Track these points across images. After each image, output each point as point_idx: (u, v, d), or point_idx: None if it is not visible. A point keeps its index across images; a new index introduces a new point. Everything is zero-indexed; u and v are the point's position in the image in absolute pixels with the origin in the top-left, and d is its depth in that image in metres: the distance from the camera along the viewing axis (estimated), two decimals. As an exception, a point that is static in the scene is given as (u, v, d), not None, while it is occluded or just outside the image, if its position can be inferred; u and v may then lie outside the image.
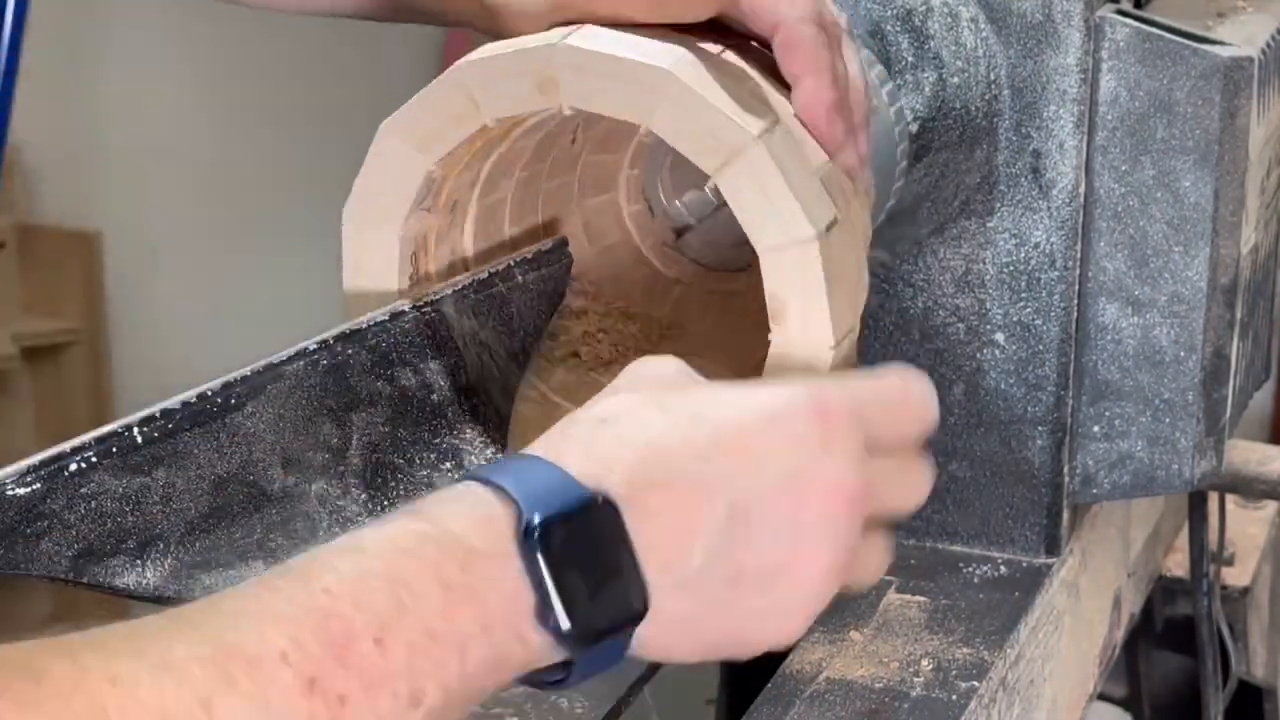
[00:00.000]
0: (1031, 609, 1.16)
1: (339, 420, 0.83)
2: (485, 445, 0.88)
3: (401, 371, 0.87)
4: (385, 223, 0.91)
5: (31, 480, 0.75)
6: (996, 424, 1.20)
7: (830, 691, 1.07)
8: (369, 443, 0.82)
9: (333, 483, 0.81)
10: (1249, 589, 1.63)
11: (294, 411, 0.81)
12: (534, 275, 0.94)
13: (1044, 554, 1.21)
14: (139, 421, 0.76)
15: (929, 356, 1.20)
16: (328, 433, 0.83)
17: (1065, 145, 1.15)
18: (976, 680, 1.08)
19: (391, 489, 0.84)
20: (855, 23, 1.13)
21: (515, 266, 0.93)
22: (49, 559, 0.74)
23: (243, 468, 0.79)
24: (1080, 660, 1.28)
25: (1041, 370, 1.18)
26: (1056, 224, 1.16)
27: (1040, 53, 1.14)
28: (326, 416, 0.82)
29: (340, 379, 0.84)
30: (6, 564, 0.73)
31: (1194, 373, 1.17)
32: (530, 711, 1.06)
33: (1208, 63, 1.13)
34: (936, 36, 1.13)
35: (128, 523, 0.75)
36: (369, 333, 0.86)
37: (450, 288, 0.90)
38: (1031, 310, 1.18)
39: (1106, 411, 1.19)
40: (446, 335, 0.88)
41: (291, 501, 0.81)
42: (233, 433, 0.79)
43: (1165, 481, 1.20)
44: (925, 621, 1.14)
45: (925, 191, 1.16)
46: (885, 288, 1.20)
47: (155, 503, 0.76)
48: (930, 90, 1.13)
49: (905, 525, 1.24)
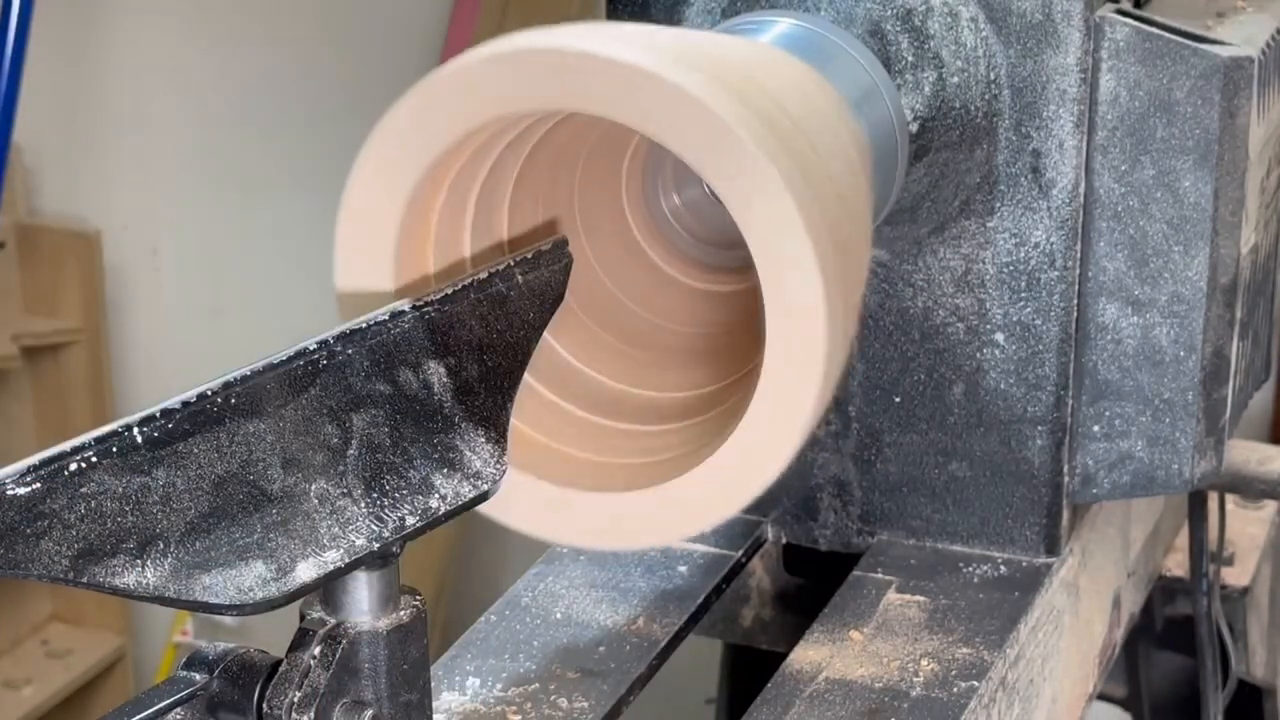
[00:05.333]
0: (1031, 609, 1.16)
1: (339, 420, 0.83)
2: (485, 445, 0.88)
3: (401, 371, 0.87)
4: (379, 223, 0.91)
5: (31, 480, 0.75)
6: (996, 424, 1.20)
7: (830, 691, 1.07)
8: (369, 443, 0.82)
9: (333, 483, 0.81)
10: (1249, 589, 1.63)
11: (294, 411, 0.81)
12: (534, 275, 0.94)
13: (1044, 554, 1.21)
14: (139, 421, 0.76)
15: (929, 356, 1.21)
16: (328, 433, 0.83)
17: (1065, 145, 1.15)
18: (976, 680, 1.08)
19: (391, 489, 0.84)
20: (855, 23, 1.13)
21: (515, 266, 0.93)
22: (49, 559, 0.74)
23: (243, 468, 0.79)
24: (1080, 660, 1.28)
25: (1041, 370, 1.18)
26: (1056, 224, 1.16)
27: (1040, 52, 1.14)
28: (326, 416, 0.82)
29: (340, 379, 0.84)
30: (6, 564, 0.73)
31: (1194, 373, 1.17)
32: (530, 711, 1.06)
33: (1208, 62, 1.13)
34: (936, 36, 1.13)
35: (128, 523, 0.75)
36: (369, 333, 0.86)
37: (450, 288, 0.90)
38: (1031, 310, 1.18)
39: (1106, 411, 1.19)
40: (446, 335, 0.88)
41: (291, 501, 0.81)
42: (233, 433, 0.79)
43: (1165, 481, 1.20)
44: (925, 621, 1.14)
45: (925, 191, 1.16)
46: (885, 288, 1.20)
47: (155, 503, 0.76)
48: (930, 90, 1.13)
49: (905, 525, 1.24)
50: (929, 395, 1.21)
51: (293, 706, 0.79)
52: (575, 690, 1.07)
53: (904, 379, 1.22)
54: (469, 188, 0.95)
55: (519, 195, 0.99)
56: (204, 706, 0.81)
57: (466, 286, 0.90)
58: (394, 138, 0.90)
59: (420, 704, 0.83)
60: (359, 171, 0.91)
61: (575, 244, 0.98)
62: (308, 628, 0.81)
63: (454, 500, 0.84)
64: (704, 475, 0.91)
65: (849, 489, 1.25)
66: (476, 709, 1.06)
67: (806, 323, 0.87)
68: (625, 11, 1.20)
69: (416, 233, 0.93)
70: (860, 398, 1.23)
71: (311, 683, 0.80)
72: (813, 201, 0.87)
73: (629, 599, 1.17)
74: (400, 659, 0.82)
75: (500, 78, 0.88)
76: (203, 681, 0.80)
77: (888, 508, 1.24)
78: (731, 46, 0.98)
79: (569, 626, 1.14)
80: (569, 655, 1.11)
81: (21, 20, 2.57)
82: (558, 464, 0.97)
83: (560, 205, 1.03)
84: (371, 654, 0.81)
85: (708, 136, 0.85)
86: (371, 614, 0.81)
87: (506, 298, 0.92)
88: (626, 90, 0.86)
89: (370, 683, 0.81)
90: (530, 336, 0.93)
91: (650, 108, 0.86)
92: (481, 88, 0.88)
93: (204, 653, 0.81)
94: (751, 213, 0.86)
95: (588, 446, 0.99)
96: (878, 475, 1.24)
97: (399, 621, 0.82)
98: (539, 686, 1.08)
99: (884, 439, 1.23)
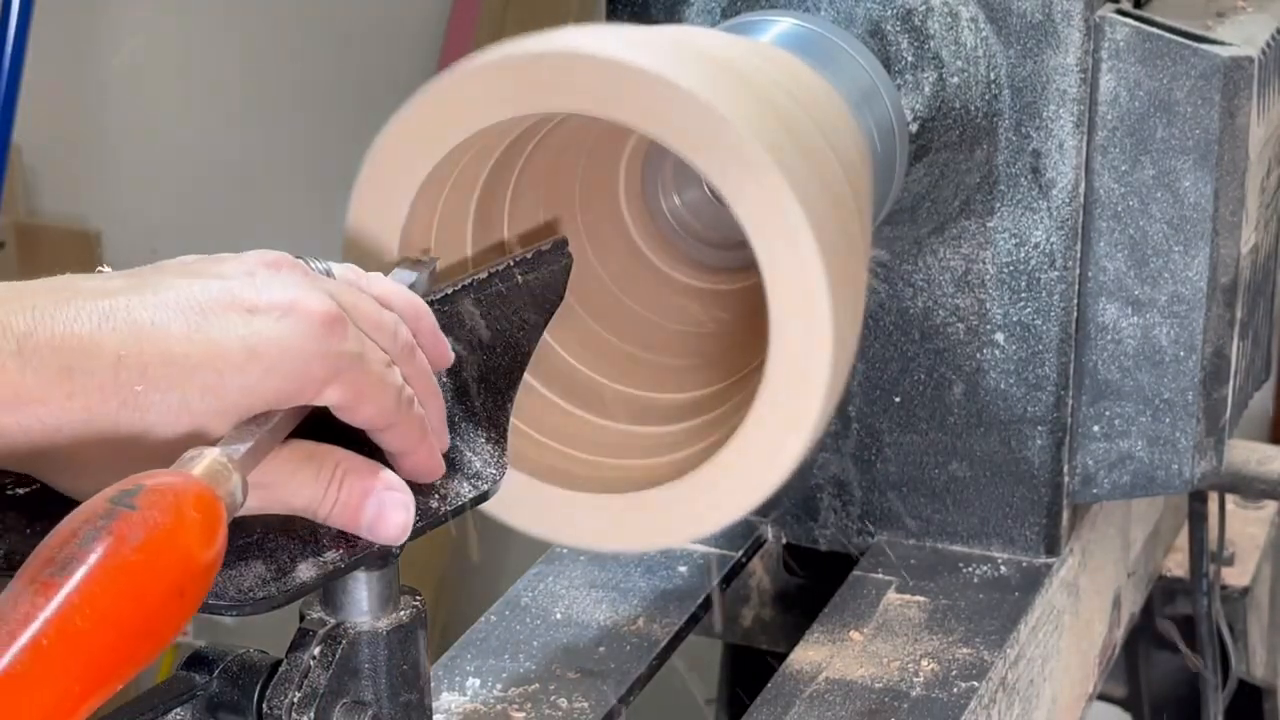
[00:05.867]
0: (1031, 609, 1.16)
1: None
2: (485, 445, 0.88)
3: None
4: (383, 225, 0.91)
5: (31, 480, 0.75)
6: (996, 424, 1.20)
7: (830, 691, 1.07)
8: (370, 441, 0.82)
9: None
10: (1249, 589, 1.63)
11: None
12: (534, 275, 0.94)
13: (1044, 554, 1.21)
14: (139, 421, 0.76)
15: (929, 356, 1.20)
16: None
17: (1065, 145, 1.15)
18: (976, 680, 1.08)
19: (391, 489, 0.84)
20: (855, 23, 1.13)
21: (515, 266, 0.93)
22: (49, 559, 0.74)
23: (243, 467, 0.79)
24: (1080, 660, 1.28)
25: (1041, 370, 1.18)
26: (1056, 224, 1.16)
27: (1040, 52, 1.14)
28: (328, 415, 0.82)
29: (340, 379, 0.84)
30: (7, 564, 0.73)
31: (1194, 373, 1.17)
32: (530, 711, 1.06)
33: (1208, 63, 1.13)
34: (936, 36, 1.13)
35: (128, 522, 0.75)
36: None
37: (450, 288, 0.90)
38: (1031, 310, 1.18)
39: (1106, 411, 1.19)
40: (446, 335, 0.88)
41: (291, 501, 0.81)
42: (233, 433, 0.79)
43: (1165, 481, 1.20)
44: (925, 621, 1.14)
45: (925, 191, 1.16)
46: (885, 288, 1.20)
47: (155, 503, 0.76)
48: (930, 90, 1.13)
49: (905, 525, 1.24)
50: (929, 395, 1.21)
51: (293, 707, 0.79)
52: (575, 690, 1.07)
53: (904, 379, 1.22)
54: (470, 188, 0.95)
55: (519, 195, 0.99)
56: (204, 706, 0.80)
57: (466, 286, 0.90)
58: (398, 143, 0.90)
59: (420, 704, 0.83)
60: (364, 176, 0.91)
61: (575, 244, 0.98)
62: (308, 628, 0.81)
63: (454, 500, 0.84)
64: (707, 478, 0.91)
65: (849, 489, 1.25)
66: (476, 709, 1.06)
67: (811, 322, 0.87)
68: (625, 11, 1.20)
69: (419, 234, 0.93)
70: (860, 398, 1.23)
71: (311, 683, 0.80)
72: (815, 200, 0.87)
73: (629, 599, 1.17)
74: (400, 659, 0.82)
75: (503, 83, 0.88)
76: (203, 681, 0.80)
77: (888, 508, 1.24)
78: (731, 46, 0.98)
79: (569, 626, 1.14)
80: (569, 655, 1.11)
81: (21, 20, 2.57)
82: (558, 464, 0.97)
83: (560, 205, 1.03)
84: (371, 654, 0.81)
85: (709, 135, 0.85)
86: (371, 614, 0.81)
87: (506, 298, 0.92)
88: (627, 90, 0.86)
89: (370, 683, 0.81)
90: (530, 336, 0.93)
91: (651, 107, 0.86)
92: (484, 93, 0.88)
93: (204, 653, 0.81)
94: (754, 211, 0.86)
95: (588, 447, 0.99)
96: (878, 475, 1.24)
97: (399, 621, 0.82)
98: (539, 686, 1.08)
99: (884, 439, 1.23)
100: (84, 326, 0.72)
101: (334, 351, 0.75)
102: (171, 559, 0.64)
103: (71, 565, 0.62)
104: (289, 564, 0.76)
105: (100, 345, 0.71)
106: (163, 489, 0.65)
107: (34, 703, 0.60)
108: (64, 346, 0.71)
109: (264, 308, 0.74)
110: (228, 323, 0.73)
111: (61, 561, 0.62)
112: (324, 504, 0.77)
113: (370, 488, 0.78)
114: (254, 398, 0.73)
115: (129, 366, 0.72)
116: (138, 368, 0.72)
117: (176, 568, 0.64)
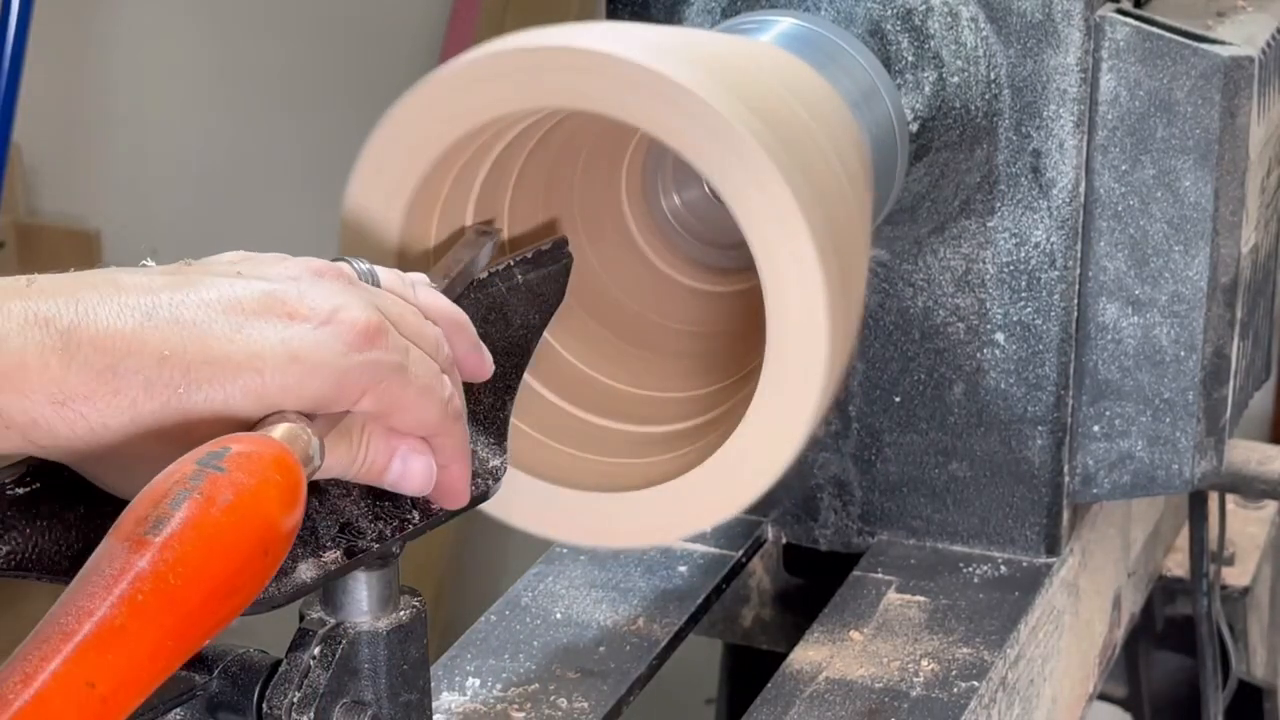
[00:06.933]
0: (1031, 609, 1.16)
1: (339, 420, 0.83)
2: (485, 444, 0.88)
3: (401, 371, 0.86)
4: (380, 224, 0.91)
5: (31, 480, 0.75)
6: (996, 424, 1.20)
7: (830, 691, 1.07)
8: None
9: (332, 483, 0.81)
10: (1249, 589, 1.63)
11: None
12: (534, 275, 0.93)
13: (1044, 554, 1.21)
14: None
15: (929, 356, 1.20)
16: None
17: (1065, 145, 1.15)
18: (976, 680, 1.08)
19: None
20: (855, 22, 1.13)
21: (515, 266, 0.93)
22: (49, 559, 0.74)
23: (243, 467, 0.79)
24: (1080, 660, 1.28)
25: (1041, 370, 1.18)
26: (1056, 223, 1.16)
27: (1040, 52, 1.14)
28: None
29: (340, 379, 0.84)
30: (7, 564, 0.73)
31: (1194, 372, 1.17)
32: (530, 711, 1.06)
33: (1208, 62, 1.13)
34: (936, 36, 1.13)
35: (127, 522, 0.75)
36: (369, 332, 0.85)
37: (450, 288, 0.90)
38: (1031, 310, 1.18)
39: (1106, 411, 1.19)
40: (446, 335, 0.88)
41: (291, 501, 0.80)
42: (232, 432, 0.79)
43: (1165, 481, 1.20)
44: (925, 621, 1.14)
45: (925, 191, 1.16)
46: (885, 288, 1.20)
47: (155, 502, 0.76)
48: (930, 90, 1.13)
49: (906, 525, 1.24)
50: (929, 395, 1.21)
51: (293, 707, 0.79)
52: (575, 690, 1.07)
53: (904, 379, 1.22)
54: (469, 188, 0.95)
55: (519, 195, 0.99)
56: (204, 706, 0.80)
57: (467, 286, 0.90)
58: (394, 139, 0.90)
59: (420, 704, 0.83)
60: (360, 172, 0.91)
61: (575, 244, 0.98)
62: (308, 628, 0.81)
63: (454, 500, 0.84)
64: (704, 476, 0.91)
65: (849, 489, 1.25)
66: (476, 709, 1.06)
67: (808, 322, 0.87)
68: (625, 11, 1.20)
69: (417, 233, 0.93)
70: (860, 398, 1.23)
71: (311, 683, 0.80)
72: (814, 200, 0.87)
73: (629, 599, 1.17)
74: (400, 659, 0.82)
75: (500, 77, 0.88)
76: (202, 681, 0.80)
77: (888, 508, 1.24)
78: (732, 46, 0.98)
79: (569, 626, 1.14)
80: (569, 655, 1.11)
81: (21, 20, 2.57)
82: (558, 464, 0.97)
83: (560, 205, 1.03)
84: (371, 654, 0.81)
85: (709, 134, 0.85)
86: (371, 614, 0.81)
87: (506, 298, 0.92)
88: (627, 88, 0.86)
89: (370, 683, 0.81)
90: (530, 336, 0.93)
91: (651, 106, 0.86)
92: (482, 87, 0.88)
93: (204, 653, 0.80)
94: (752, 210, 0.86)
95: (588, 446, 0.99)
96: (878, 475, 1.24)
97: (399, 621, 0.82)
98: (539, 686, 1.08)
99: (884, 439, 1.23)
100: (127, 324, 0.72)
101: (371, 361, 0.76)
102: (257, 520, 0.66)
103: (163, 524, 0.64)
104: (289, 564, 0.76)
105: (144, 343, 0.72)
106: (249, 453, 0.67)
107: (132, 654, 0.62)
108: (108, 345, 0.71)
109: (305, 314, 0.75)
110: (269, 326, 0.74)
111: (154, 520, 0.64)
112: (355, 464, 0.78)
113: (395, 446, 0.79)
114: (295, 399, 0.74)
115: (172, 365, 0.72)
116: (181, 367, 0.72)
117: (261, 528, 0.66)
